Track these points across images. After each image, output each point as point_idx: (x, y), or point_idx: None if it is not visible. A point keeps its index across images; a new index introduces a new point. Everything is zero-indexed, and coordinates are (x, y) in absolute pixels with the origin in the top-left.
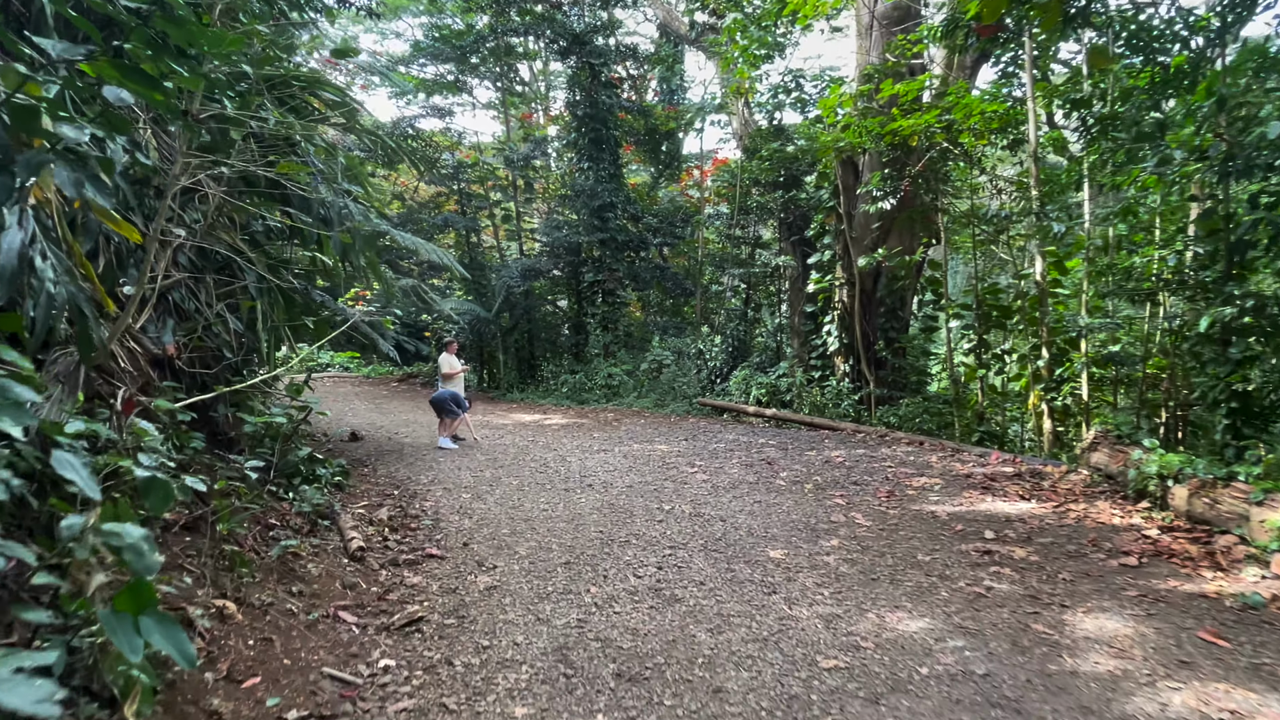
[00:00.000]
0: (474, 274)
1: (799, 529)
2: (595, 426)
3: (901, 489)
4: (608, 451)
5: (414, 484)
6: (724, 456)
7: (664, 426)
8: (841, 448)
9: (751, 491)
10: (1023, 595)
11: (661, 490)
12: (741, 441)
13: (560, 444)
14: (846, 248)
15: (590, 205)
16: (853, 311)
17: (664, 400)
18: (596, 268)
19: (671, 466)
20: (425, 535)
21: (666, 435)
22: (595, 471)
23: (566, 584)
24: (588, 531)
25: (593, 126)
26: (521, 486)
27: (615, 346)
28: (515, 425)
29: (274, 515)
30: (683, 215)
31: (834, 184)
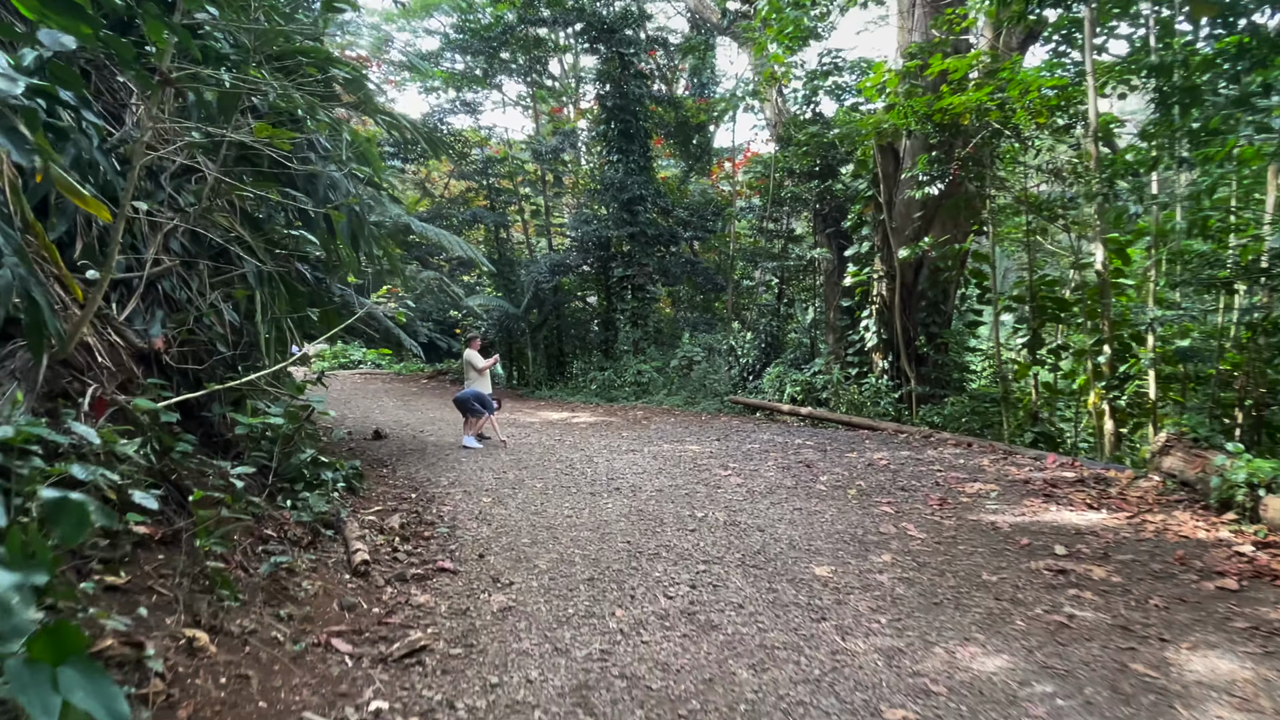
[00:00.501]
0: (503, 270)
1: (845, 541)
2: (624, 425)
3: (954, 496)
4: (637, 452)
5: (433, 486)
6: (759, 458)
7: (695, 425)
8: (884, 449)
9: (790, 497)
10: (1112, 626)
11: (693, 495)
12: (777, 442)
13: (588, 443)
14: (886, 239)
15: (620, 198)
16: (892, 305)
17: (695, 398)
18: (626, 262)
19: (704, 469)
20: (439, 545)
21: (698, 435)
22: (623, 474)
23: (589, 605)
24: (614, 542)
25: (622, 118)
26: (545, 490)
27: (645, 343)
28: (543, 424)
29: (271, 525)
30: (714, 208)
31: (873, 172)
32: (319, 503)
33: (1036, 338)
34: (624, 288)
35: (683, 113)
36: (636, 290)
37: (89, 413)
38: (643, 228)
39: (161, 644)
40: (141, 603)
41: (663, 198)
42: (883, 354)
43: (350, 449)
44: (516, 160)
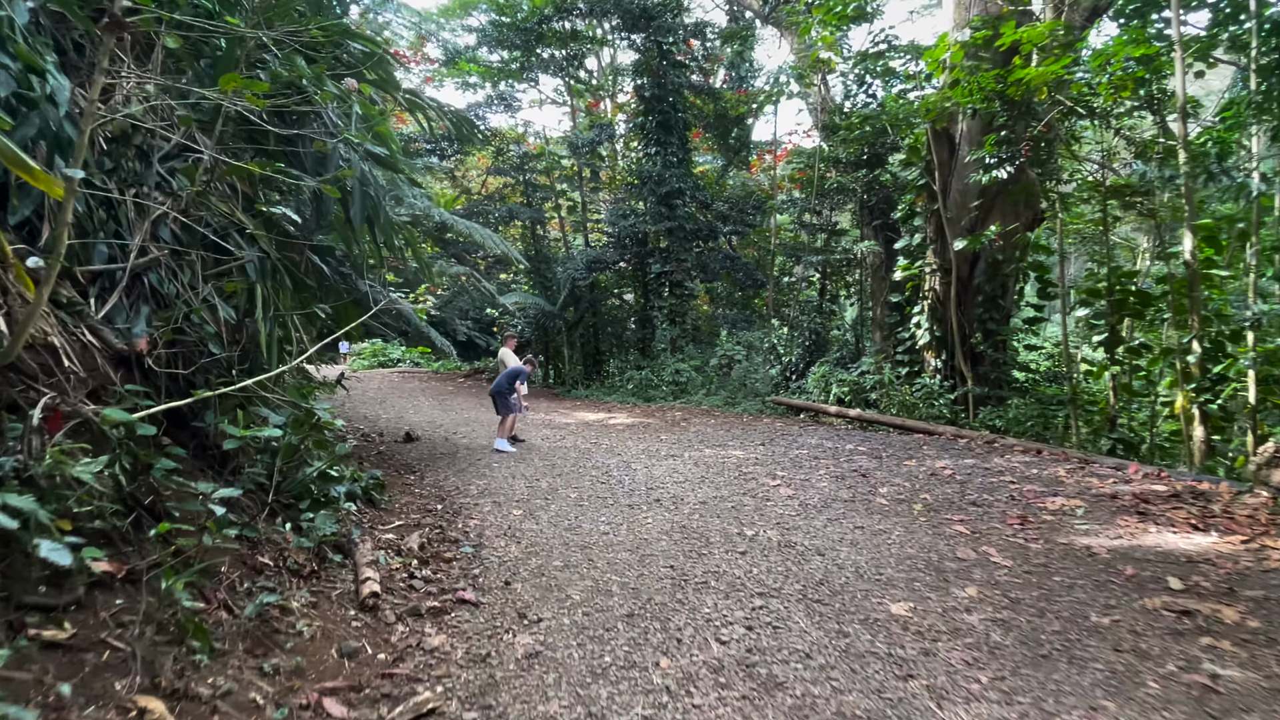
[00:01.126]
0: (539, 267)
1: (920, 569)
2: (662, 427)
3: (1035, 513)
4: (677, 458)
5: (461, 496)
6: (809, 466)
7: (737, 428)
8: (945, 456)
9: (848, 513)
10: (1270, 690)
11: (741, 509)
12: (826, 447)
13: (625, 447)
14: (940, 229)
15: (657, 192)
16: (946, 300)
17: (735, 398)
18: (664, 258)
19: (750, 477)
20: (461, 569)
21: (740, 438)
22: (663, 482)
23: (629, 651)
24: (656, 566)
25: (660, 109)
26: (580, 501)
27: (683, 341)
28: (578, 425)
29: (269, 552)
30: (754, 201)
31: (925, 159)
32: (326, 523)
33: (1115, 335)
34: (661, 284)
35: (721, 104)
36: (674, 287)
37: (39, 427)
38: (681, 222)
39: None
40: (89, 661)
41: (701, 191)
42: (935, 352)
43: (379, 453)
44: (553, 155)
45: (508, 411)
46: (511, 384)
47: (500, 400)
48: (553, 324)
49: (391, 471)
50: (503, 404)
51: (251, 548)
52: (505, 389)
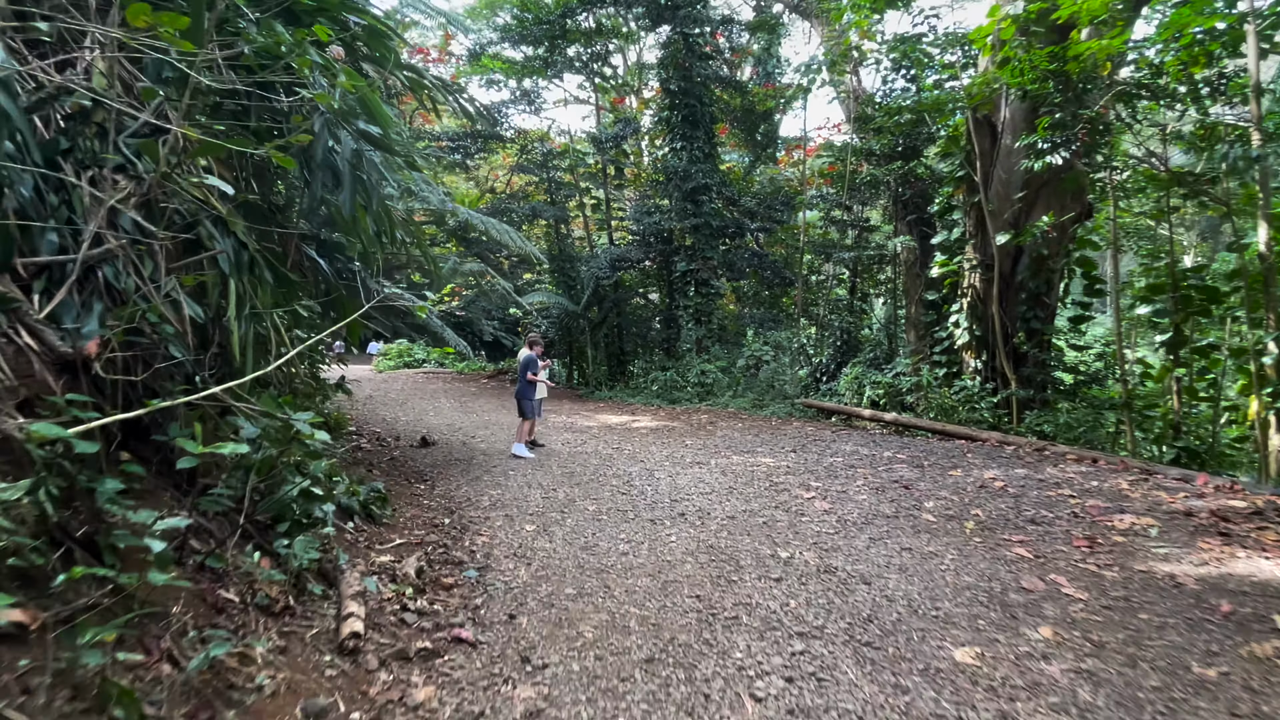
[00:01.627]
0: (562, 266)
1: (982, 602)
2: (687, 431)
3: (1103, 533)
4: (703, 465)
5: (472, 508)
6: (845, 475)
7: (765, 432)
8: (992, 465)
9: (893, 531)
10: None
11: (773, 525)
12: (862, 454)
13: (648, 453)
14: (980, 223)
15: (683, 188)
16: (987, 298)
17: (763, 400)
18: (689, 256)
19: (782, 488)
20: (462, 598)
21: (770, 444)
22: (688, 493)
23: (647, 709)
24: (679, 596)
25: (686, 102)
26: (599, 514)
27: (709, 341)
28: (600, 428)
29: (235, 585)
30: (782, 197)
31: (965, 150)
32: (306, 550)
33: (1180, 335)
34: (687, 283)
35: (748, 99)
36: (700, 285)
37: None
38: (707, 219)
39: None
40: None
41: (728, 187)
42: (975, 353)
43: (391, 459)
44: (578, 153)
45: (526, 415)
46: (529, 382)
47: (523, 403)
48: (576, 324)
49: (401, 480)
50: (526, 407)
51: (216, 581)
52: (524, 389)
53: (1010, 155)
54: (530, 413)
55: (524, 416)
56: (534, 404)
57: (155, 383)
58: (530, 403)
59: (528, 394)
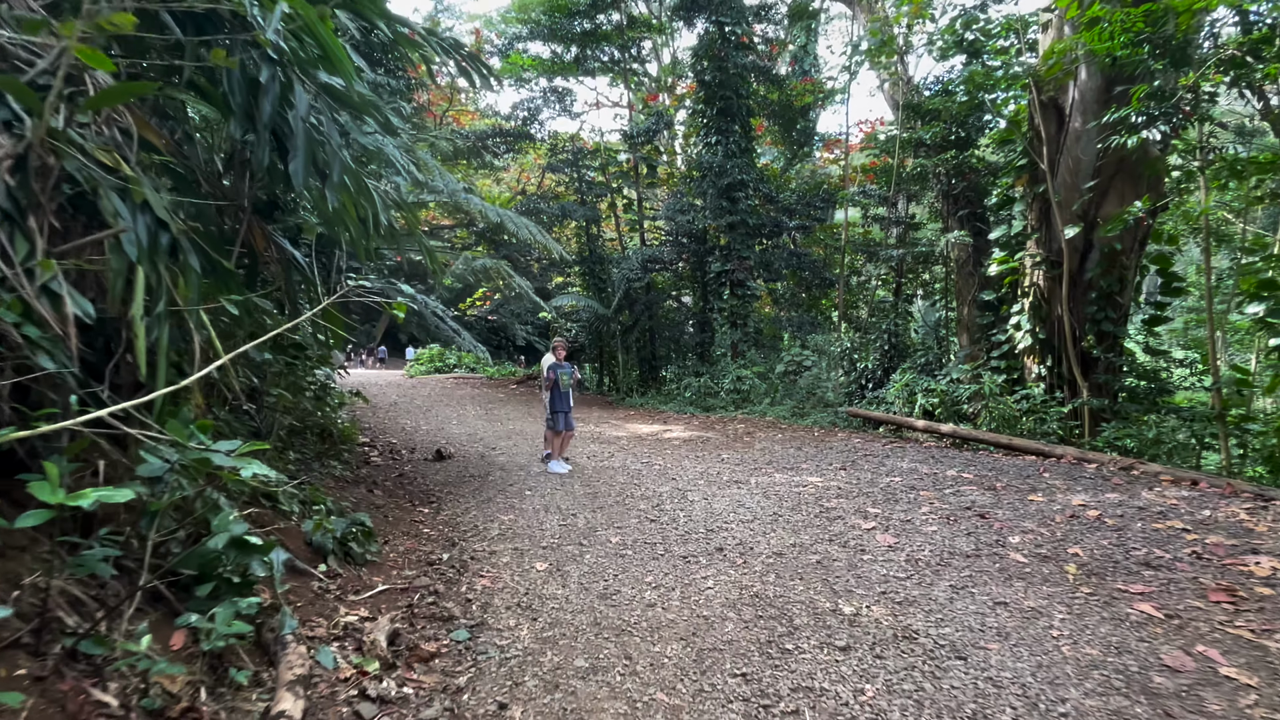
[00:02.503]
0: (593, 268)
1: (1120, 689)
2: (724, 443)
3: (1242, 582)
4: (742, 485)
5: (477, 538)
6: (907, 500)
7: (809, 445)
8: (1077, 488)
9: (978, 576)
10: None
11: (829, 566)
12: (923, 473)
13: (681, 469)
14: (1045, 215)
15: (718, 184)
16: (1052, 297)
17: (803, 409)
18: (724, 256)
19: (834, 515)
20: (443, 674)
21: (816, 459)
22: (727, 521)
23: None
24: (720, 674)
25: (722, 94)
26: (623, 548)
27: (744, 346)
28: (630, 439)
29: (117, 681)
30: (823, 194)
31: (1027, 135)
32: (228, 623)
33: None
34: (722, 284)
35: (786, 93)
36: (735, 287)
37: None
38: (743, 216)
39: None
40: None
41: (765, 184)
42: (1039, 357)
43: (399, 476)
44: (609, 151)
45: (554, 427)
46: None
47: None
48: (607, 328)
49: (404, 502)
50: (554, 416)
51: (92, 675)
52: (553, 397)
53: (1079, 140)
54: (559, 424)
55: (550, 427)
56: (564, 414)
57: (41, 400)
58: (561, 414)
59: (558, 404)
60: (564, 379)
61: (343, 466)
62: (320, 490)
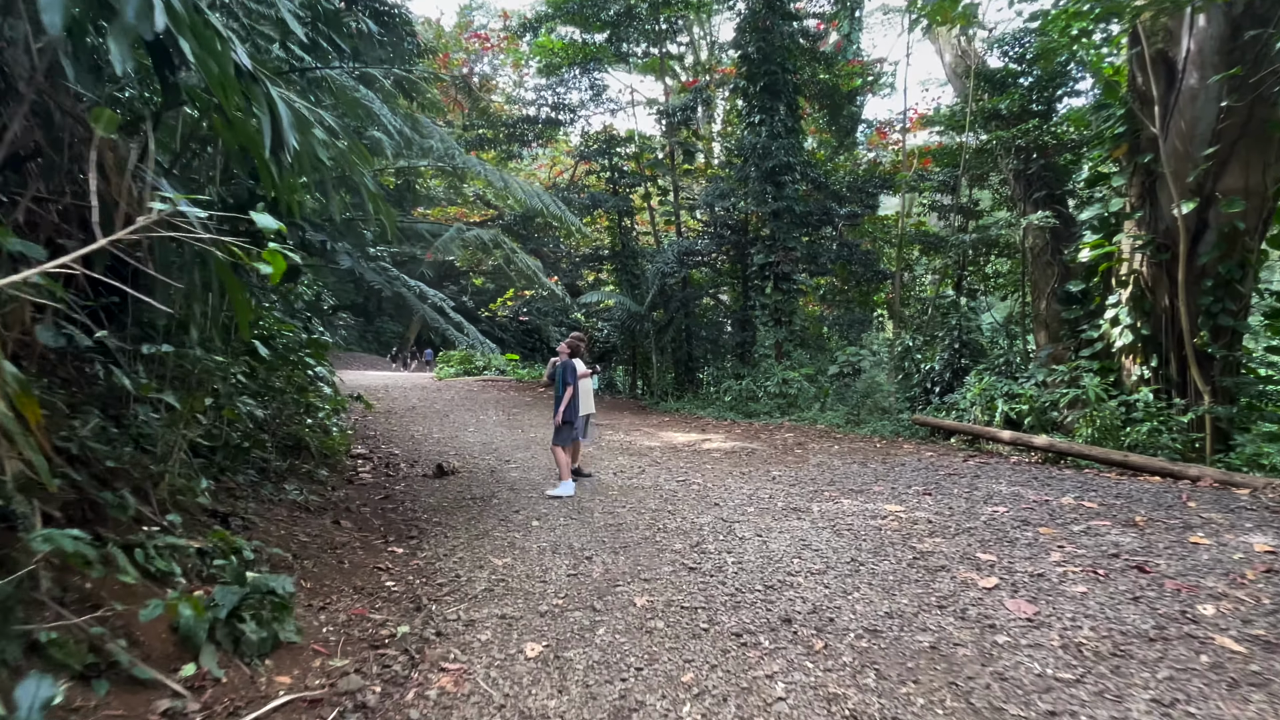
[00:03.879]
0: (625, 262)
1: None
2: (772, 455)
3: None
4: (802, 514)
5: (456, 597)
6: (1024, 540)
7: (873, 459)
8: (1245, 525)
9: (1185, 684)
10: None
11: (954, 660)
12: (1029, 500)
13: (724, 490)
14: (1149, 191)
15: (762, 167)
16: (1158, 286)
17: (858, 415)
18: (768, 247)
19: (935, 564)
20: None
21: (888, 479)
22: (791, 571)
23: None
24: None
25: (766, 69)
26: (649, 617)
27: (789, 345)
28: (663, 450)
29: None
30: (878, 180)
31: (1127, 98)
32: None
33: None
34: (765, 278)
35: (834, 73)
36: (780, 280)
37: None
38: (789, 203)
39: None
40: None
41: (812, 168)
42: (1141, 357)
43: (385, 498)
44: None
45: (560, 441)
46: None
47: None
48: (640, 327)
49: (376, 538)
50: (563, 430)
51: None
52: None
53: (1195, 100)
54: (565, 437)
55: (556, 443)
56: (577, 425)
57: None
58: (571, 425)
59: (567, 412)
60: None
61: (312, 489)
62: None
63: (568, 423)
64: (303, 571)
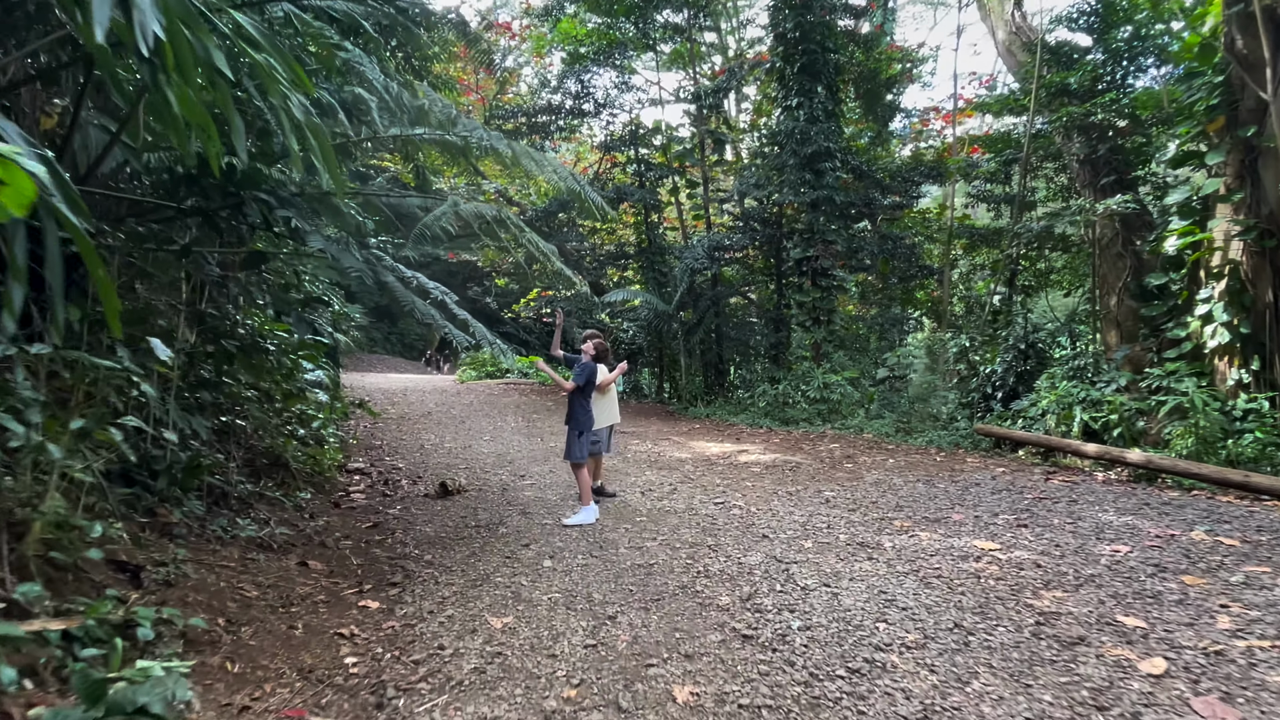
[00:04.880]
0: (652, 259)
1: None
2: (819, 470)
3: None
4: (873, 552)
5: (433, 686)
6: (1168, 593)
7: (940, 477)
8: None
9: None
10: None
11: None
12: (1152, 535)
13: (771, 517)
14: (1249, 170)
15: (800, 153)
16: (1258, 278)
17: (909, 424)
18: (805, 241)
19: (1068, 633)
20: None
21: (966, 504)
22: (876, 642)
23: None
24: None
25: (805, 48)
26: (695, 716)
27: (829, 347)
28: (696, 463)
29: None
30: (922, 169)
31: (1224, 62)
32: None
33: None
34: (802, 273)
35: (876, 57)
36: (818, 276)
37: None
38: (829, 192)
39: None
40: None
41: (854, 155)
42: (1240, 359)
43: (373, 525)
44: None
45: (575, 457)
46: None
47: (573, 439)
48: (667, 328)
49: (349, 586)
50: (576, 445)
51: None
52: (578, 411)
53: None
54: (580, 453)
55: (570, 458)
56: (598, 438)
57: None
58: (583, 438)
59: (581, 420)
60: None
61: (283, 519)
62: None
63: (584, 433)
64: (234, 646)
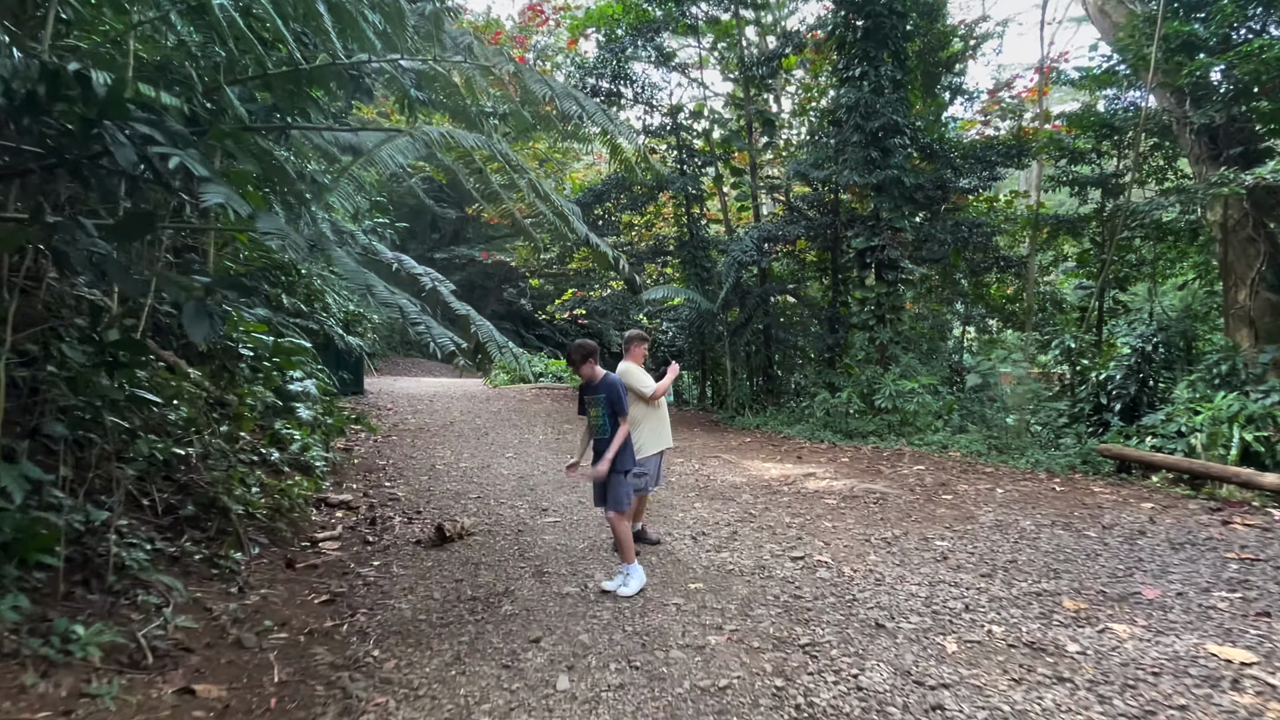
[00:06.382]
0: (694, 254)
1: None
2: (914, 504)
3: None
4: (1056, 662)
5: None
6: None
7: (1081, 519)
8: None
9: None
10: None
11: None
12: None
13: (874, 582)
14: None
15: (865, 128)
16: None
17: (1002, 440)
18: (870, 229)
19: None
20: None
21: (1149, 566)
22: None
23: None
24: None
25: (869, 9)
26: None
27: (895, 348)
28: (754, 490)
29: None
30: (1000, 148)
31: None
32: None
33: None
34: (865, 266)
35: (943, 28)
36: (884, 269)
37: None
38: (897, 172)
39: None
40: None
41: (923, 132)
42: None
43: (327, 600)
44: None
45: (617, 505)
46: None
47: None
48: (711, 328)
49: None
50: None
51: None
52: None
53: None
54: (625, 499)
55: (608, 504)
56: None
57: None
58: (625, 480)
59: (622, 456)
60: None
61: (188, 603)
62: None
63: (624, 472)
64: None
